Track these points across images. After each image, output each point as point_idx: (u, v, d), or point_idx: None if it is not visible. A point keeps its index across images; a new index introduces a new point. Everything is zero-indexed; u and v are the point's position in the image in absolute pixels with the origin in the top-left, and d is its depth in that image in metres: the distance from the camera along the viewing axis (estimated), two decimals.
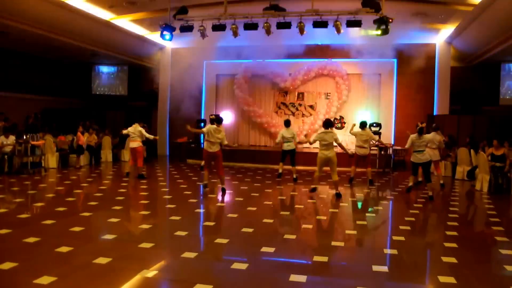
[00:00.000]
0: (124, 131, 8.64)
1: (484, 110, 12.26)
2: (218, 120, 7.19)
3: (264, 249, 4.00)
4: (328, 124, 6.90)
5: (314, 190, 7.13)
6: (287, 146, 8.50)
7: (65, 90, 14.42)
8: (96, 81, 14.79)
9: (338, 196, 6.86)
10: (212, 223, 5.15)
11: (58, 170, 9.63)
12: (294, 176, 8.54)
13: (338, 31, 8.10)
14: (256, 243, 4.25)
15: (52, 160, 9.77)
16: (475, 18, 8.97)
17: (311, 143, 7.15)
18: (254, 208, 6.07)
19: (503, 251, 4.18)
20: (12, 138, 8.93)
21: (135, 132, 8.43)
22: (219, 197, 6.84)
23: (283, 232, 4.90)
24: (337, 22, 7.99)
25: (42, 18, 9.25)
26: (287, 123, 8.72)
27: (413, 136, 6.95)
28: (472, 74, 12.31)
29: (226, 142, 7.07)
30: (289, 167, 8.69)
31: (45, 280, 3.06)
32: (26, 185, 7.47)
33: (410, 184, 7.35)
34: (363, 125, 8.44)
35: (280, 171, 8.86)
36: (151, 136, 8.79)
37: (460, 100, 12.16)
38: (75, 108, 14.67)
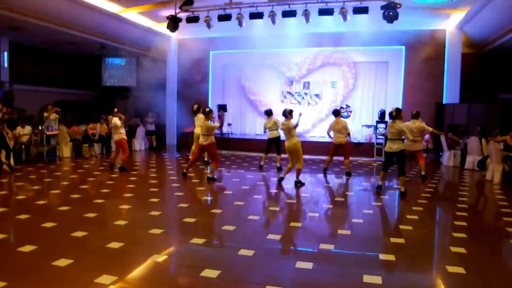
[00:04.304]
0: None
1: (497, 98, 11.99)
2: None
3: (270, 236, 4.13)
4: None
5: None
6: (270, 135, 8.56)
7: (77, 82, 14.72)
8: (106, 73, 15.00)
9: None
10: (219, 211, 5.31)
11: (72, 159, 9.94)
12: (278, 165, 8.72)
13: (344, 18, 8.04)
14: (263, 230, 4.40)
15: (66, 150, 10.07)
16: (488, 3, 8.75)
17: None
18: (260, 196, 6.23)
19: None
20: (28, 129, 9.22)
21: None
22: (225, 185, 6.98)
23: (289, 220, 5.02)
24: (343, 9, 7.92)
25: (53, 12, 9.40)
26: (266, 113, 8.62)
27: (389, 122, 6.36)
28: (484, 61, 11.98)
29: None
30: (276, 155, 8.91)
31: (63, 262, 3.26)
32: (42, 173, 7.76)
33: (380, 182, 6.52)
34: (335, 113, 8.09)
35: (262, 163, 8.96)
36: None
37: (471, 88, 11.90)
38: (87, 99, 14.99)
